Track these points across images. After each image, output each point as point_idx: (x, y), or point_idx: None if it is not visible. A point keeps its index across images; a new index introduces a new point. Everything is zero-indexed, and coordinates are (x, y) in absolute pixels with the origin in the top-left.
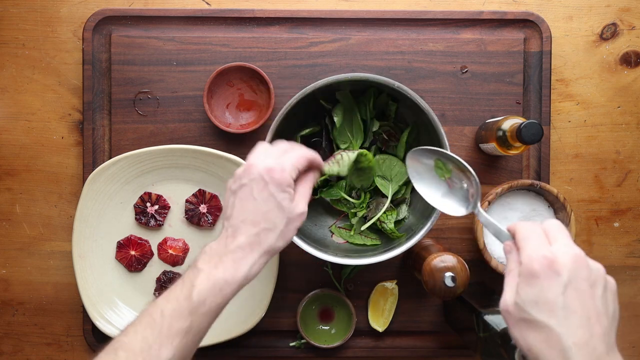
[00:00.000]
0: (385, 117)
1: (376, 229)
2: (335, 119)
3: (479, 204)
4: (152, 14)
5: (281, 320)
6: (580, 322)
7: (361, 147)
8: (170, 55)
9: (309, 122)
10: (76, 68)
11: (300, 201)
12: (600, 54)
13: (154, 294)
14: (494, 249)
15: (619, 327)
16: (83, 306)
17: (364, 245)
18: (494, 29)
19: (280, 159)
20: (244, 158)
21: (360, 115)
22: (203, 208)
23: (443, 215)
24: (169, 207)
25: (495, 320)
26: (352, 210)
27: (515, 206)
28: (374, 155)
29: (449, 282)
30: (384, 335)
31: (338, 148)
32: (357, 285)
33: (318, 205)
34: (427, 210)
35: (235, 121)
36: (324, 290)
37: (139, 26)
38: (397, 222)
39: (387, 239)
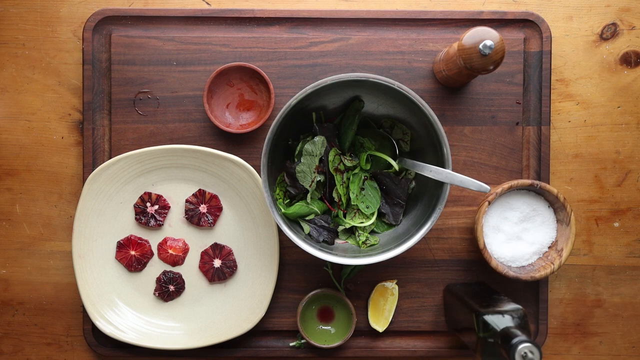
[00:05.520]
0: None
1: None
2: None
3: None
4: (152, 14)
5: (281, 320)
6: None
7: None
8: (170, 55)
9: (309, 123)
10: (76, 68)
11: None
12: (600, 54)
13: (154, 294)
14: (494, 249)
15: (619, 327)
16: (83, 306)
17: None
18: (494, 29)
19: None
20: (244, 158)
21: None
22: (203, 208)
23: (443, 216)
24: (169, 207)
25: (495, 320)
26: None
27: (515, 206)
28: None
29: (485, 50)
30: (384, 335)
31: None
32: (357, 285)
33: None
34: (425, 212)
35: (235, 121)
36: (324, 290)
37: (139, 26)
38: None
39: (387, 239)
